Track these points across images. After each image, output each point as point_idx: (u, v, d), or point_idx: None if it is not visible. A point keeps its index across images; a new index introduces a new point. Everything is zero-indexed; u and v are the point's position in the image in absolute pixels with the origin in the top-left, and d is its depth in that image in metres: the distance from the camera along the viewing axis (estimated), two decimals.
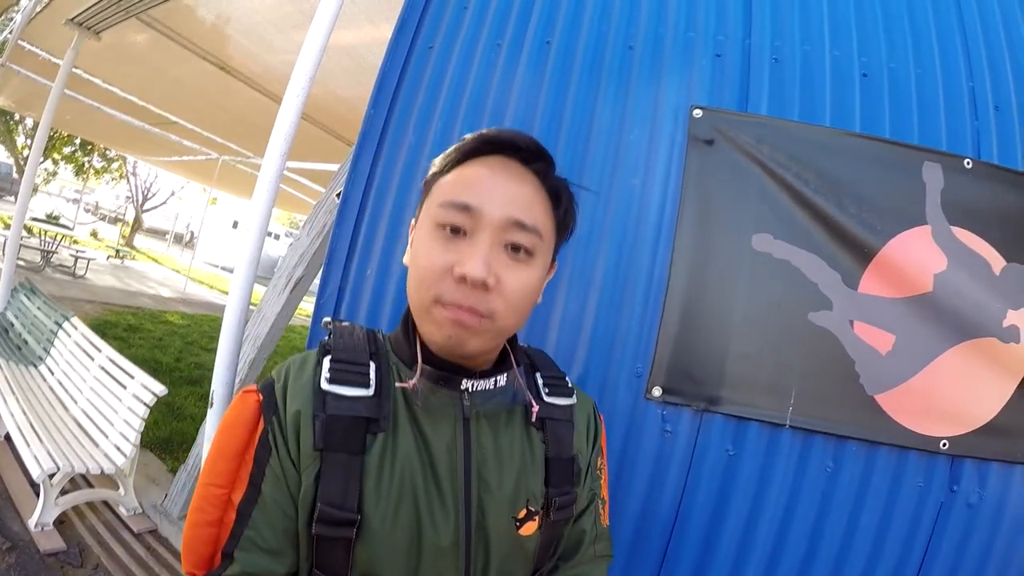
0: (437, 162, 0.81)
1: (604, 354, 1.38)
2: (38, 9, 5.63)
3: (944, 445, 1.36)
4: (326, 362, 0.76)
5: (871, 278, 1.37)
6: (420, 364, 0.76)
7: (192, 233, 28.63)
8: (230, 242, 22.24)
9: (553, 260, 0.83)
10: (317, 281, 2.02)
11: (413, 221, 0.83)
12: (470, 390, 0.79)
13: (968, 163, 1.45)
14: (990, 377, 1.38)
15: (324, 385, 0.74)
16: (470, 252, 0.70)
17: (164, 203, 24.37)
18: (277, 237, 24.47)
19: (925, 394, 1.36)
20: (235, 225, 23.08)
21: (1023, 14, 1.63)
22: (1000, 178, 1.45)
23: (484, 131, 0.79)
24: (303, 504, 0.71)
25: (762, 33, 1.51)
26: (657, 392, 1.34)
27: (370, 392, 0.75)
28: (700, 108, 1.45)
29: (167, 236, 26.89)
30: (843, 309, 1.36)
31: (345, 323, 0.85)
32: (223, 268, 21.14)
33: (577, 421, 0.90)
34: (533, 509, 0.80)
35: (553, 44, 1.56)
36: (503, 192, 0.73)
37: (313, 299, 1.63)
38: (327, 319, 0.85)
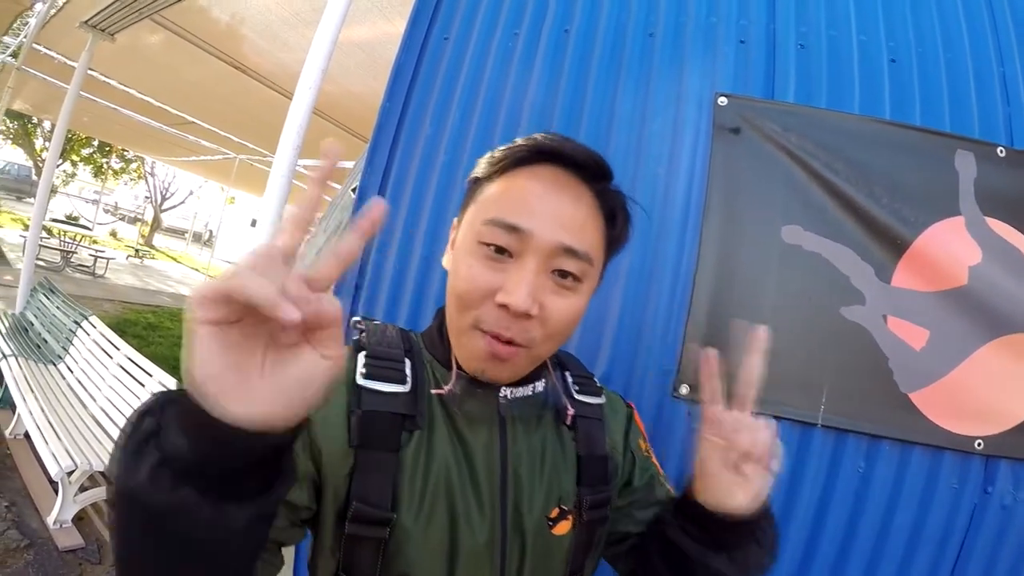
0: (484, 164, 0.75)
1: (630, 351, 1.35)
2: (52, 13, 5.69)
3: (979, 445, 1.31)
4: (361, 358, 0.74)
5: (904, 271, 1.33)
6: (455, 371, 0.74)
7: (210, 232, 28.98)
8: (248, 240, 22.46)
9: (600, 276, 0.77)
10: None
11: (456, 220, 0.78)
12: (508, 397, 0.76)
13: (1001, 151, 1.40)
14: None
15: (360, 380, 0.71)
16: (516, 279, 0.65)
17: (182, 202, 24.80)
18: None
19: (959, 392, 1.31)
20: (253, 223, 23.28)
21: None
22: None
23: (539, 138, 0.72)
24: (332, 503, 0.69)
25: (786, 18, 1.47)
26: (684, 390, 1.31)
27: (407, 388, 0.73)
28: (725, 96, 1.41)
29: (186, 235, 27.24)
30: (876, 303, 1.32)
31: (376, 321, 0.83)
32: None
33: (608, 419, 0.87)
34: (565, 508, 0.77)
35: (571, 32, 1.53)
36: (555, 214, 0.67)
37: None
38: (356, 318, 0.82)
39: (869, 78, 1.43)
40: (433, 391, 0.75)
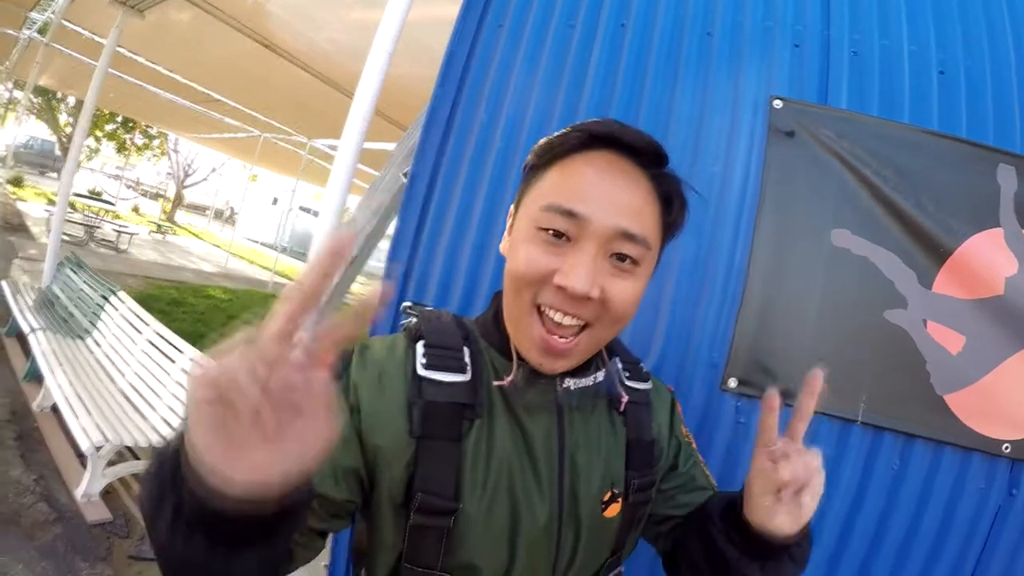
0: (539, 150, 0.75)
1: (681, 344, 1.38)
2: None
3: (1006, 448, 1.35)
4: (419, 347, 0.75)
5: (945, 278, 1.37)
6: (516, 361, 0.75)
7: (232, 209, 29.13)
8: (270, 218, 22.55)
9: (657, 261, 0.78)
10: (371, 262, 2.03)
11: (512, 207, 0.79)
12: (570, 388, 0.77)
13: None
14: None
15: (421, 371, 0.72)
16: (574, 262, 0.66)
17: (205, 179, 24.81)
18: (316, 214, 24.88)
19: (991, 396, 1.35)
20: (275, 201, 23.37)
21: None
22: None
23: (593, 124, 0.72)
24: (394, 491, 0.71)
25: (840, 25, 1.50)
26: (733, 383, 1.35)
27: (467, 378, 0.74)
28: (780, 99, 1.44)
29: (207, 212, 27.32)
30: (917, 308, 1.36)
31: (429, 307, 0.84)
32: (263, 244, 21.49)
33: (654, 404, 0.89)
34: (617, 492, 0.79)
35: (628, 27, 1.55)
36: (613, 199, 0.68)
37: (367, 280, 1.64)
38: (407, 303, 0.84)
39: (918, 88, 1.46)
40: (495, 383, 0.75)
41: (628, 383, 0.86)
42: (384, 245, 1.74)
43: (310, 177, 14.79)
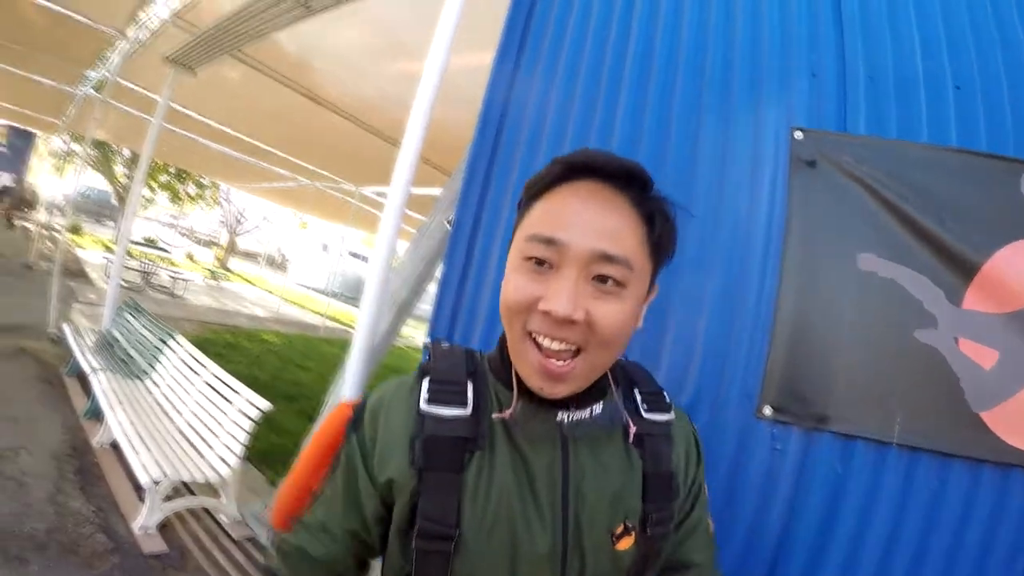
0: (526, 186, 0.81)
1: (715, 373, 1.41)
2: (135, 48, 6.07)
3: None
4: (425, 383, 0.80)
5: (974, 294, 1.37)
6: (516, 396, 0.79)
7: (283, 255, 30.03)
8: (320, 264, 23.21)
9: (653, 283, 0.81)
10: (422, 305, 2.13)
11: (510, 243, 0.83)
12: (567, 421, 0.81)
13: None
14: None
15: (423, 407, 0.78)
16: (556, 287, 0.70)
17: (256, 227, 25.78)
18: (365, 259, 25.47)
19: None
20: (324, 248, 24.09)
21: None
22: None
23: (572, 156, 0.77)
24: (399, 518, 0.77)
25: (855, 51, 1.53)
26: (768, 411, 1.37)
27: (467, 412, 0.79)
28: (801, 130, 1.48)
29: (259, 258, 28.22)
30: (948, 326, 1.36)
31: (445, 344, 0.89)
32: (314, 289, 22.03)
33: (675, 437, 0.90)
34: (630, 525, 0.81)
35: (653, 68, 1.61)
36: (589, 223, 0.72)
37: (416, 323, 1.73)
38: (427, 340, 0.91)
39: (935, 106, 1.47)
40: (494, 415, 0.80)
41: (647, 415, 0.88)
42: (432, 288, 1.84)
43: (359, 223, 15.15)
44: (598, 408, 0.82)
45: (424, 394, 0.79)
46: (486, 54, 1.80)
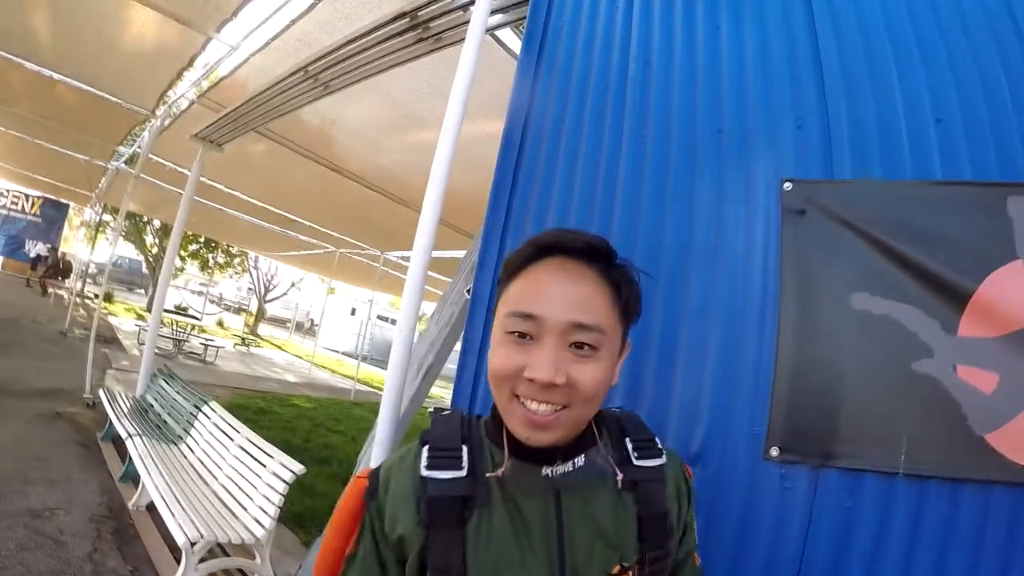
0: (505, 265, 0.92)
1: (723, 420, 1.48)
2: (164, 126, 6.41)
3: None
4: (424, 451, 0.90)
5: (969, 320, 1.41)
6: (507, 455, 0.89)
7: (312, 320, 30.45)
8: (349, 328, 23.47)
9: (625, 340, 0.91)
10: (447, 365, 2.23)
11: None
12: (551, 475, 0.90)
13: None
14: None
15: (423, 472, 0.87)
16: (539, 357, 0.79)
17: (285, 294, 26.27)
18: (393, 322, 25.76)
19: None
20: (353, 312, 24.39)
21: None
22: None
23: (542, 236, 0.88)
24: (411, 570, 0.86)
25: (837, 98, 1.60)
26: (775, 452, 1.43)
27: (463, 473, 0.87)
28: (789, 181, 1.56)
29: (288, 324, 28.66)
30: (944, 355, 1.40)
31: (445, 411, 0.99)
32: (344, 353, 22.19)
33: (668, 479, 0.97)
34: (626, 565, 0.88)
35: (648, 137, 1.73)
36: (562, 297, 0.81)
37: (447, 383, 1.84)
38: (431, 410, 1.00)
39: (917, 142, 1.52)
40: (488, 475, 0.89)
41: (638, 462, 0.95)
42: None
43: (386, 287, 15.42)
44: (580, 461, 0.91)
45: (424, 461, 0.89)
46: (495, 123, 1.96)
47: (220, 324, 22.87)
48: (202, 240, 21.57)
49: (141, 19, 4.79)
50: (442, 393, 12.15)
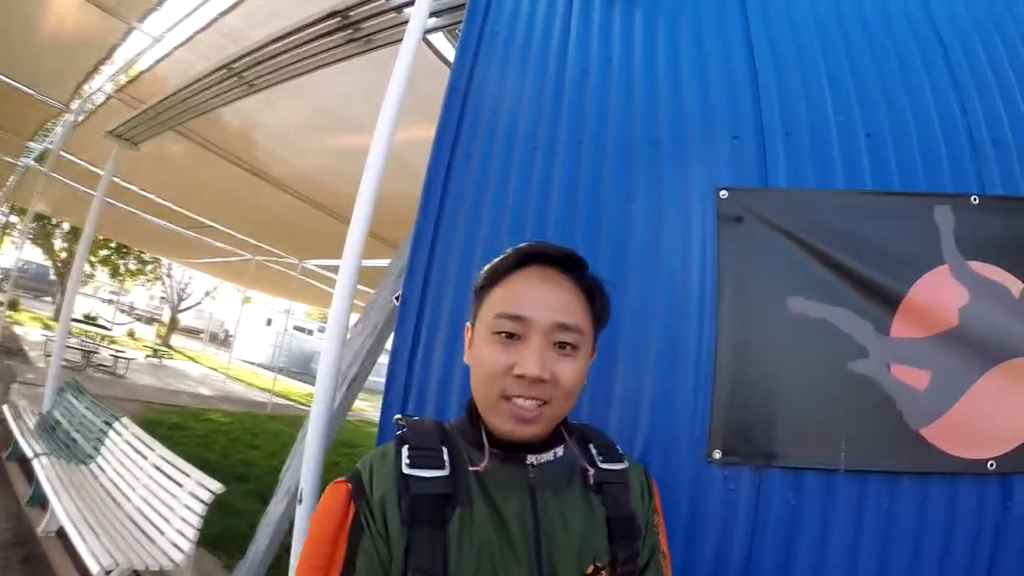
0: (483, 276, 0.96)
1: (663, 424, 1.49)
2: (78, 121, 6.02)
3: (991, 465, 1.43)
4: (404, 450, 0.90)
5: (901, 322, 1.48)
6: (488, 448, 0.90)
7: (227, 331, 29.32)
8: (265, 339, 22.67)
9: (593, 347, 0.96)
10: (372, 378, 2.14)
11: (468, 324, 0.99)
12: (535, 463, 0.92)
13: (975, 199, 1.55)
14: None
15: (405, 470, 0.87)
16: (526, 354, 0.85)
17: (199, 303, 25.15)
18: (310, 332, 25.01)
19: (966, 421, 1.44)
20: (268, 322, 23.59)
21: (1006, 52, 1.73)
22: (1007, 207, 1.56)
23: (523, 247, 0.94)
24: (394, 572, 0.84)
25: (771, 110, 1.65)
26: (717, 455, 1.45)
27: (445, 472, 0.88)
28: (726, 189, 1.59)
29: (202, 335, 27.46)
30: (879, 355, 1.46)
31: (415, 417, 1.00)
32: (259, 365, 21.47)
33: (631, 483, 1.00)
34: (599, 565, 0.89)
35: (585, 143, 1.73)
36: (548, 301, 0.88)
37: (367, 395, 1.76)
38: (398, 416, 0.99)
39: (849, 154, 1.60)
40: (470, 468, 0.89)
41: (603, 465, 0.99)
42: (384, 360, 1.86)
43: (303, 297, 15.04)
44: (560, 451, 0.95)
45: (405, 459, 0.88)
46: (425, 128, 1.89)
47: (131, 335, 21.54)
48: (113, 245, 20.44)
49: (62, 2, 4.54)
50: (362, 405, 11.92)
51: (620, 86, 1.78)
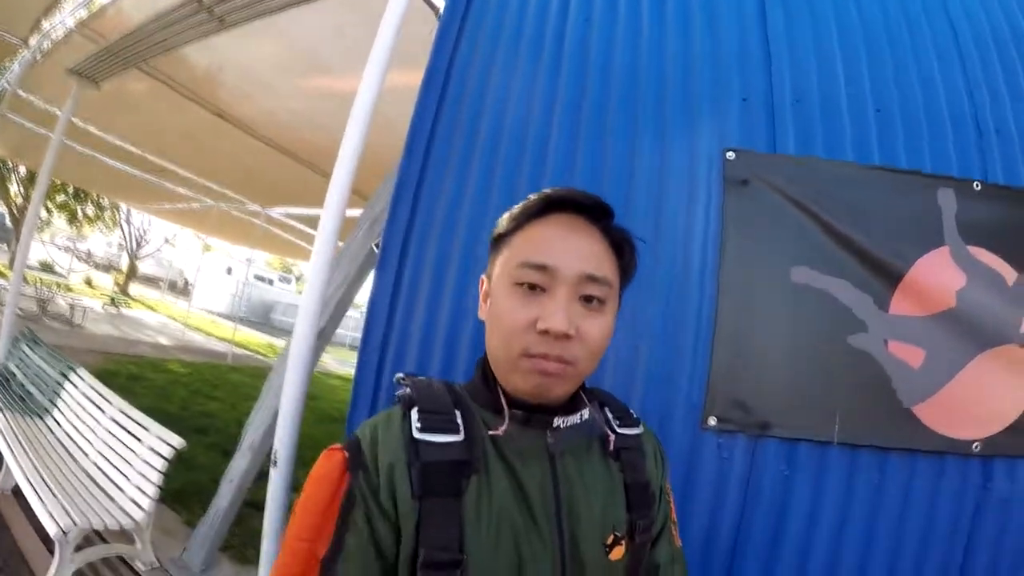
0: (504, 222, 0.87)
1: (660, 389, 1.46)
2: (37, 58, 5.69)
3: (976, 447, 1.47)
4: (414, 413, 0.81)
5: (900, 299, 1.48)
6: (507, 410, 0.82)
7: (186, 280, 28.66)
8: (225, 288, 22.22)
9: (618, 304, 0.88)
10: (340, 330, 2.04)
11: (483, 277, 0.89)
12: (561, 426, 0.84)
13: (977, 185, 1.57)
14: (1012, 380, 1.50)
15: (416, 435, 0.77)
16: (551, 308, 0.76)
17: (158, 250, 24.42)
18: (271, 282, 24.54)
19: (956, 401, 1.47)
20: (229, 271, 23.07)
21: (1015, 45, 1.76)
22: (1007, 197, 1.58)
23: (549, 192, 0.85)
24: (404, 551, 0.75)
25: (782, 76, 1.62)
26: (713, 422, 1.43)
27: (460, 437, 0.80)
28: (733, 151, 1.55)
29: (161, 283, 26.80)
30: (877, 330, 1.46)
31: (420, 377, 0.90)
32: (219, 315, 21.10)
33: (646, 448, 0.95)
34: (619, 534, 0.84)
35: (587, 95, 1.64)
36: (575, 250, 0.79)
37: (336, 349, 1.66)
38: (400, 375, 0.90)
39: (858, 127, 1.58)
40: (489, 432, 0.81)
41: (620, 430, 0.92)
42: (352, 314, 1.76)
43: (265, 245, 14.69)
44: (586, 413, 0.88)
45: (416, 423, 0.80)
46: (411, 75, 1.77)
47: (88, 283, 21.01)
48: (71, 191, 19.66)
49: None
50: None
51: (626, 38, 1.70)
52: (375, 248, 1.69)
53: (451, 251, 1.55)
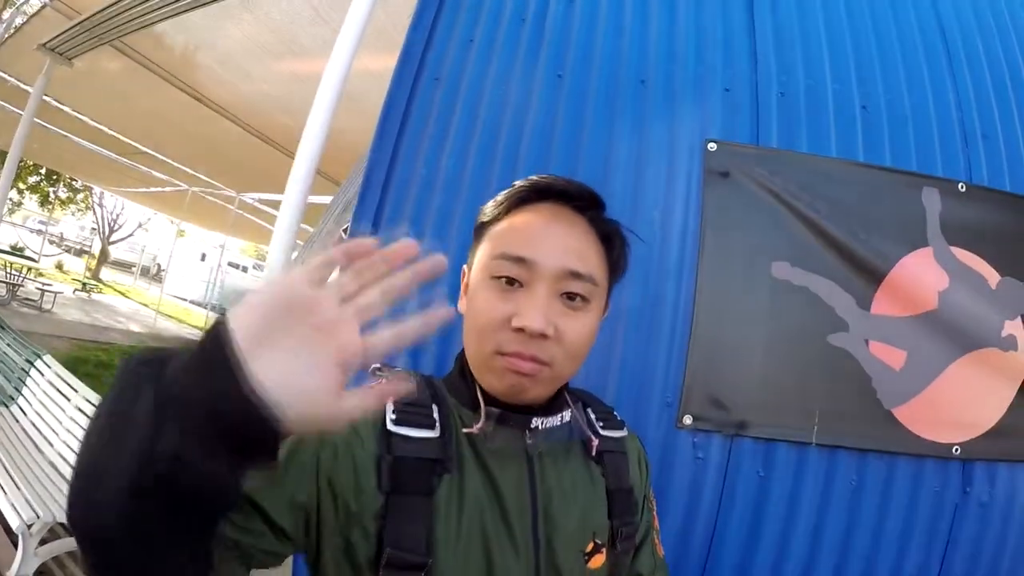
0: (487, 209, 0.81)
1: (634, 386, 1.41)
2: (8, 34, 5.54)
3: (956, 451, 1.45)
4: (389, 404, 0.75)
5: (882, 299, 1.45)
6: (484, 407, 0.77)
7: (159, 265, 28.25)
8: (198, 275, 21.88)
9: (606, 303, 0.83)
10: None
11: (465, 267, 0.83)
12: (540, 428, 0.79)
13: (962, 187, 1.55)
14: (993, 384, 1.48)
15: (391, 426, 0.73)
16: (528, 304, 0.70)
17: (131, 235, 24.06)
18: (245, 269, 24.23)
19: (936, 404, 1.45)
20: (203, 257, 22.70)
21: (1004, 52, 1.76)
22: (991, 199, 1.56)
23: (535, 178, 0.79)
24: (361, 548, 0.69)
25: (767, 68, 1.59)
26: (688, 420, 1.39)
27: (436, 434, 0.75)
28: (714, 142, 1.51)
29: (134, 269, 26.39)
30: (858, 330, 1.43)
31: (397, 368, 0.85)
32: (192, 302, 20.79)
33: (629, 452, 0.90)
34: (599, 542, 0.80)
35: (565, 77, 1.59)
36: (557, 242, 0.74)
37: None
38: (376, 365, 0.82)
39: (843, 124, 1.56)
40: (464, 430, 0.77)
41: (603, 432, 0.87)
42: None
43: (239, 232, 14.49)
44: (567, 415, 0.83)
45: (390, 414, 0.74)
46: (384, 58, 1.71)
47: (59, 267, 20.75)
48: (43, 172, 19.25)
49: None
50: None
51: (608, 20, 1.65)
52: (344, 234, 1.64)
53: (422, 237, 1.49)
